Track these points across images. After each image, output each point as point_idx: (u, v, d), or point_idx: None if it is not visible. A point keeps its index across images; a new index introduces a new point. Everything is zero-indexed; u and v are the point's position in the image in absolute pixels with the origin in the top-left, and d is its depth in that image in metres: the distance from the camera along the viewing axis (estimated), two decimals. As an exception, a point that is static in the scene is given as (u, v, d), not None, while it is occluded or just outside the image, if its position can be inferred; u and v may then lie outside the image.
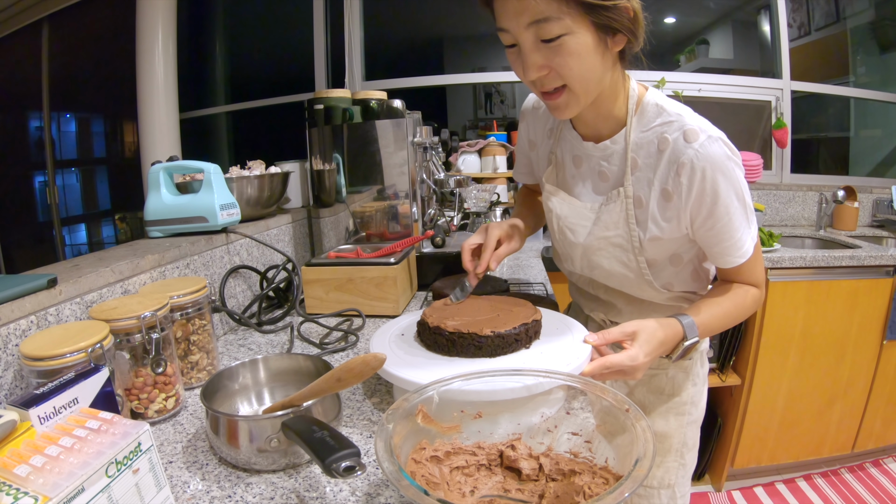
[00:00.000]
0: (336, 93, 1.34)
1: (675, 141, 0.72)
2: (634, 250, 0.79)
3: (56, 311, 0.69)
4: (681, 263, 0.83)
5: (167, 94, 2.40)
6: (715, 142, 0.70)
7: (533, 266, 1.56)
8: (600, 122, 0.79)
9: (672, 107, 0.75)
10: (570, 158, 0.86)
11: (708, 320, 0.77)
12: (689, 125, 0.71)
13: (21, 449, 0.42)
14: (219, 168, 1.11)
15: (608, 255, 0.82)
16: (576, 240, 0.85)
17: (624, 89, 0.77)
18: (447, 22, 2.74)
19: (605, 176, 0.81)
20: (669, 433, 0.93)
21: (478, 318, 0.72)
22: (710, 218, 0.72)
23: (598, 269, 0.86)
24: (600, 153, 0.80)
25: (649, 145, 0.75)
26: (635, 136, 0.76)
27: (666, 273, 0.83)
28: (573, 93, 0.69)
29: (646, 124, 0.76)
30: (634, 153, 0.76)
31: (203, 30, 3.03)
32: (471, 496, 0.48)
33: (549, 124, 0.90)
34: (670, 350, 0.75)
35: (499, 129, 2.34)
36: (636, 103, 0.76)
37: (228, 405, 0.69)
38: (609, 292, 0.92)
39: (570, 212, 0.85)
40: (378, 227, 1.35)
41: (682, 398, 0.93)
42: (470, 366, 0.65)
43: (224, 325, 1.07)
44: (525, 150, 0.98)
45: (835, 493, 1.93)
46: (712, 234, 0.74)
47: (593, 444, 0.51)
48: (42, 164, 3.32)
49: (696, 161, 0.69)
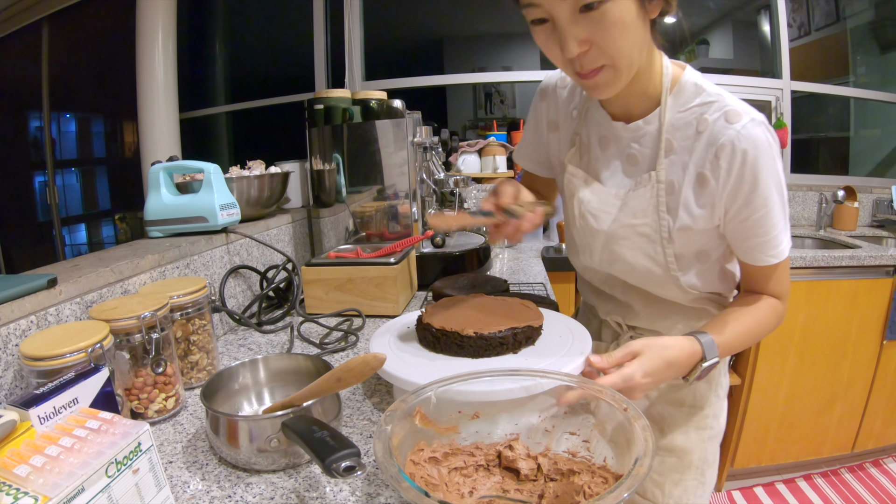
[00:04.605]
0: (336, 93, 1.34)
1: (715, 122, 0.66)
2: (662, 241, 0.73)
3: (56, 311, 0.69)
4: (708, 261, 0.76)
5: (167, 94, 2.40)
6: (758, 125, 0.64)
7: (533, 266, 1.56)
8: (633, 100, 0.72)
9: (712, 87, 0.69)
10: (597, 140, 0.79)
11: (730, 340, 0.70)
12: (731, 106, 0.66)
13: (21, 449, 0.42)
14: (219, 168, 1.11)
15: (632, 245, 0.75)
16: (598, 227, 0.78)
17: (658, 64, 0.70)
18: (447, 22, 2.74)
19: (634, 159, 0.75)
20: (689, 448, 0.86)
21: (469, 318, 0.71)
22: (746, 207, 0.66)
23: (619, 263, 0.79)
24: (631, 134, 0.74)
25: (686, 127, 0.69)
26: (671, 116, 0.70)
27: (692, 271, 0.77)
28: (616, 70, 0.62)
29: (683, 104, 0.70)
30: (669, 135, 0.70)
31: (203, 30, 3.03)
32: (469, 497, 0.48)
33: (573, 103, 0.83)
34: (685, 371, 0.69)
35: (499, 129, 2.34)
36: (672, 82, 0.70)
37: (228, 405, 0.69)
38: (627, 291, 0.85)
39: (593, 196, 0.78)
40: (378, 227, 1.35)
41: (704, 411, 0.86)
42: (455, 365, 0.65)
43: (224, 325, 1.07)
44: (541, 131, 0.89)
45: (835, 493, 1.93)
46: (746, 227, 0.68)
47: (591, 444, 0.51)
48: (42, 164, 3.32)
49: (738, 143, 0.64)
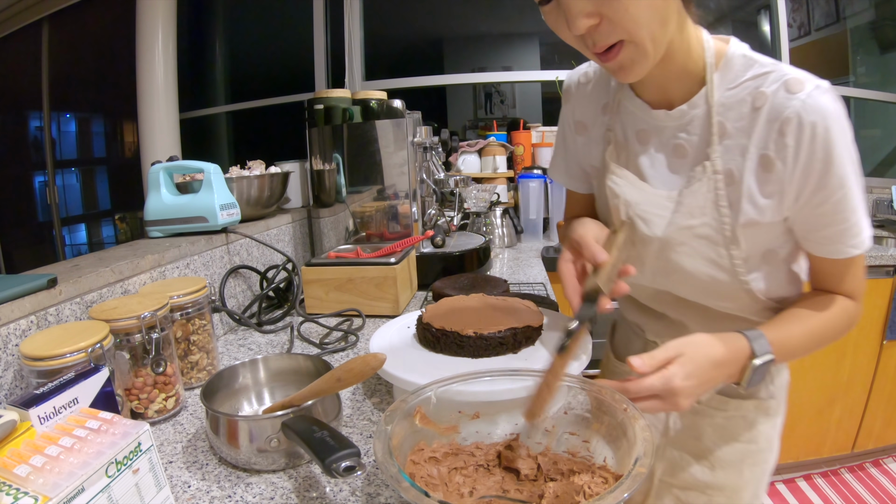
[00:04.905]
0: (336, 93, 1.34)
1: (774, 94, 0.57)
2: (726, 241, 0.63)
3: (56, 311, 0.69)
4: (775, 261, 0.66)
5: (167, 94, 2.40)
6: (825, 92, 0.55)
7: (533, 266, 1.56)
8: (671, 82, 0.63)
9: (764, 57, 0.60)
10: (634, 134, 0.70)
11: (787, 339, 0.61)
12: (790, 74, 0.57)
13: (21, 449, 0.42)
14: (219, 168, 1.11)
15: (691, 251, 0.65)
16: (651, 232, 0.67)
17: (696, 39, 0.61)
18: (447, 22, 2.74)
19: (682, 150, 0.65)
20: (741, 486, 0.76)
21: (469, 318, 0.71)
22: (821, 190, 0.57)
23: (676, 274, 0.68)
24: (675, 122, 0.65)
25: (740, 104, 0.60)
26: (720, 94, 0.61)
27: (759, 274, 0.66)
28: (637, 45, 0.55)
29: (733, 79, 0.61)
30: (721, 116, 0.61)
31: (203, 30, 3.03)
32: (469, 497, 0.48)
33: (602, 99, 0.74)
34: (736, 372, 0.59)
35: (499, 129, 2.34)
36: (716, 57, 0.62)
37: (228, 405, 0.69)
38: (681, 308, 0.73)
39: (642, 198, 0.68)
40: (378, 227, 1.35)
41: (759, 444, 0.75)
42: (455, 365, 0.65)
43: (224, 325, 1.07)
44: (569, 138, 0.80)
45: (835, 493, 1.93)
46: (822, 213, 0.59)
47: (591, 444, 0.51)
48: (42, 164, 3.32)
49: (805, 114, 0.55)
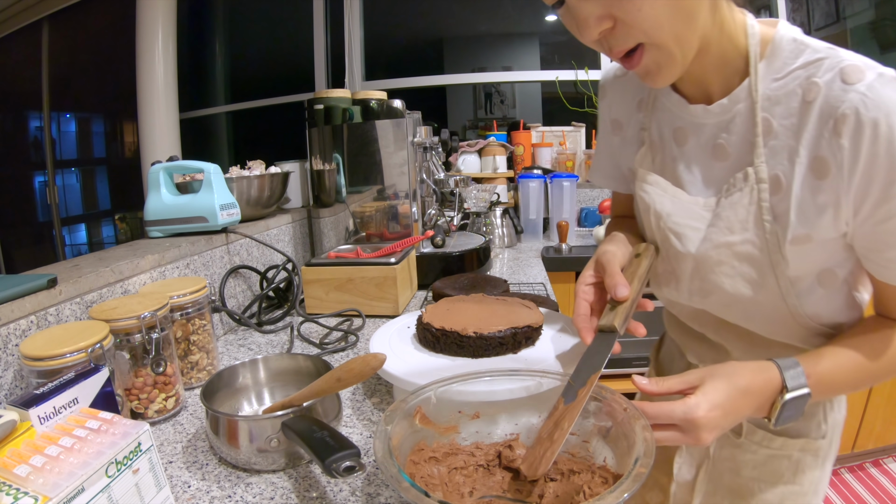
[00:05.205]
0: (336, 93, 1.34)
1: (828, 84, 0.48)
2: (772, 261, 0.54)
3: (56, 311, 0.69)
4: (834, 284, 0.57)
5: (167, 94, 2.40)
6: (890, 82, 0.46)
7: (533, 266, 1.56)
8: (710, 74, 0.56)
9: (818, 42, 0.52)
10: (671, 133, 0.63)
11: (830, 371, 0.52)
12: (848, 61, 0.48)
13: (21, 449, 0.42)
14: (219, 168, 1.11)
15: (731, 270, 0.57)
16: (684, 249, 0.60)
17: (736, 23, 0.54)
18: (447, 22, 2.74)
19: (722, 152, 0.58)
20: None
21: (469, 318, 0.71)
22: (885, 202, 0.47)
23: (715, 294, 0.60)
24: (715, 119, 0.57)
25: (789, 98, 0.52)
26: (766, 86, 0.53)
27: (813, 298, 0.57)
28: (660, 48, 0.49)
29: (780, 68, 0.52)
30: (766, 112, 0.53)
31: (203, 30, 3.03)
32: (469, 497, 0.48)
33: (638, 94, 0.68)
34: (764, 407, 0.51)
35: (499, 129, 2.34)
36: (761, 45, 0.54)
37: (228, 405, 0.69)
38: (722, 330, 0.66)
39: (675, 208, 0.61)
40: (378, 227, 1.35)
41: (804, 488, 0.67)
42: (455, 365, 0.65)
43: (224, 325, 1.07)
44: (607, 137, 0.74)
45: (835, 493, 1.93)
46: (885, 231, 0.49)
47: (591, 444, 0.51)
48: (42, 164, 3.33)
49: (864, 110, 0.46)
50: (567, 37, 2.64)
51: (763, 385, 0.50)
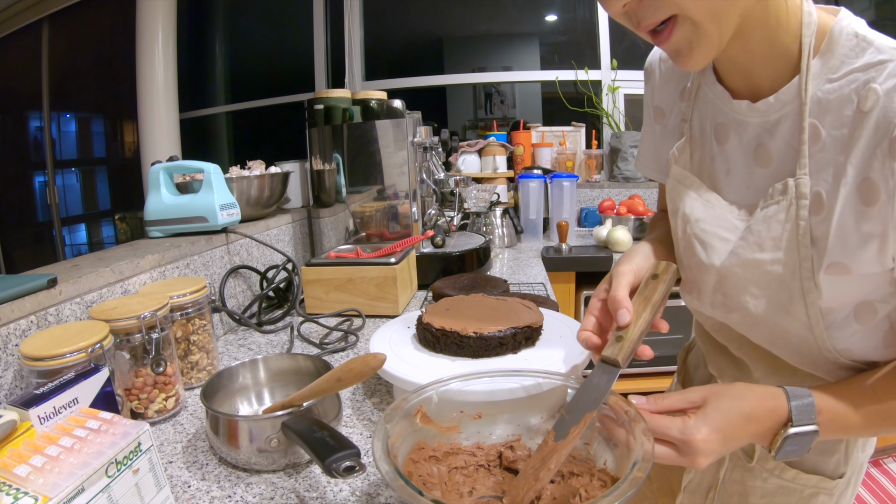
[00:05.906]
0: (336, 93, 1.34)
1: (888, 94, 0.41)
2: (803, 288, 0.48)
3: (56, 311, 0.69)
4: (873, 319, 0.50)
5: (167, 94, 2.40)
6: None
7: (533, 266, 1.56)
8: (757, 63, 0.49)
9: (886, 40, 0.44)
10: (712, 129, 0.56)
11: (847, 411, 0.47)
12: None
13: (21, 449, 0.42)
14: (219, 168, 1.11)
15: (756, 291, 0.52)
16: (708, 260, 0.55)
17: (790, 10, 0.47)
18: (447, 22, 2.74)
19: (765, 157, 0.51)
20: None
21: (469, 318, 0.71)
22: None
23: (738, 313, 0.55)
24: (759, 118, 0.51)
25: (842, 104, 0.45)
26: (818, 87, 0.46)
27: (846, 333, 0.51)
28: (693, 23, 0.44)
29: (837, 67, 0.45)
30: (816, 118, 0.46)
31: (203, 30, 3.03)
32: (469, 497, 0.48)
33: (683, 81, 0.61)
34: (768, 433, 0.47)
35: (499, 129, 2.34)
36: (817, 36, 0.46)
37: (228, 405, 0.69)
38: (744, 347, 0.60)
39: (705, 214, 0.55)
40: (378, 227, 1.35)
41: None
42: (455, 365, 0.65)
43: (224, 325, 1.07)
44: (650, 125, 0.68)
45: (834, 493, 1.93)
46: None
47: (592, 447, 0.51)
48: (42, 164, 3.33)
49: None
50: (567, 37, 2.64)
51: (767, 413, 0.47)
